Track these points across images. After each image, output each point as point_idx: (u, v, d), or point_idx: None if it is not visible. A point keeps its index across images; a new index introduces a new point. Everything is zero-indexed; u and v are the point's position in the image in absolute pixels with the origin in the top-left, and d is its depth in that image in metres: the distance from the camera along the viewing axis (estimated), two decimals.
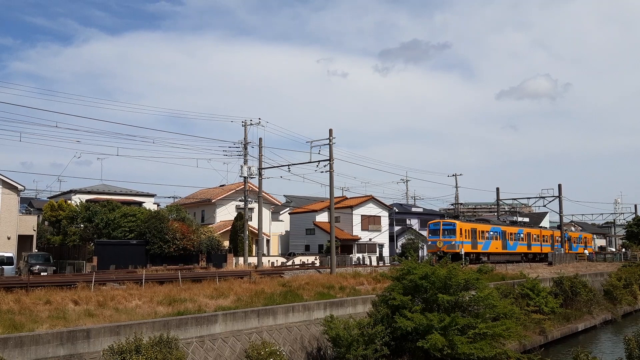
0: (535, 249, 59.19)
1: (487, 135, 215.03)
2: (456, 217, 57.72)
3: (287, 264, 44.96)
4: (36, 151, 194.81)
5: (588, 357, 16.34)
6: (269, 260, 44.81)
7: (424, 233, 58.05)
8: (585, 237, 77.07)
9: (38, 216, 47.74)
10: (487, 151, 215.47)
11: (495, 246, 50.76)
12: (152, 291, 19.40)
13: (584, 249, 71.45)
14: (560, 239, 65.42)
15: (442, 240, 45.25)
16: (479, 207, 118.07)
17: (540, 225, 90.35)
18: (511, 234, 54.42)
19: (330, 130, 33.33)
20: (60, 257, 41.15)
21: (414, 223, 68.79)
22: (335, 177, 34.11)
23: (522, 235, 56.99)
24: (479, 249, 47.70)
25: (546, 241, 62.11)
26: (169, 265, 35.18)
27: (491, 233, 50.59)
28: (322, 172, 34.04)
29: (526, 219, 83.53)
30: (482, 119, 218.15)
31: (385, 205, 64.06)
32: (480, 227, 49.48)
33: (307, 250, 58.34)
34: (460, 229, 45.73)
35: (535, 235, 60.08)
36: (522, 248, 55.73)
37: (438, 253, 42.76)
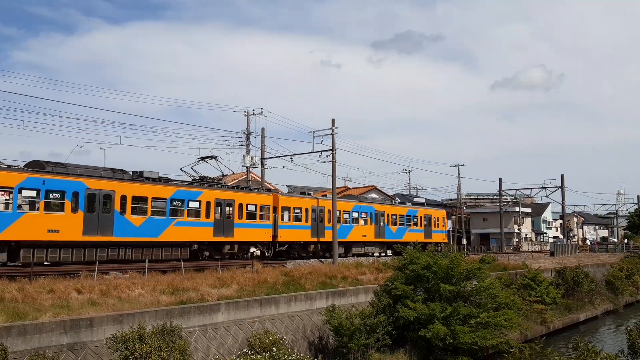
0: (288, 236, 31.59)
1: (489, 127, 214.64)
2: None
3: None
4: (35, 140, 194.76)
5: (588, 346, 16.36)
6: None
7: None
8: (429, 216, 44.77)
9: None
10: (489, 142, 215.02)
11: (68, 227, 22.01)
12: (154, 280, 19.44)
13: (425, 236, 42.78)
14: (369, 216, 37.90)
15: None
16: (481, 197, 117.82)
17: (542, 217, 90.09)
18: (176, 202, 26.19)
19: (333, 120, 33.22)
20: None
21: None
22: (338, 167, 34.03)
23: (195, 201, 26.81)
24: None
25: (301, 220, 32.70)
26: None
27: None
28: (325, 162, 33.95)
29: (528, 210, 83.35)
30: (484, 110, 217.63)
31: (388, 195, 64.03)
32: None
33: None
34: None
35: (252, 208, 29.46)
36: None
37: None
